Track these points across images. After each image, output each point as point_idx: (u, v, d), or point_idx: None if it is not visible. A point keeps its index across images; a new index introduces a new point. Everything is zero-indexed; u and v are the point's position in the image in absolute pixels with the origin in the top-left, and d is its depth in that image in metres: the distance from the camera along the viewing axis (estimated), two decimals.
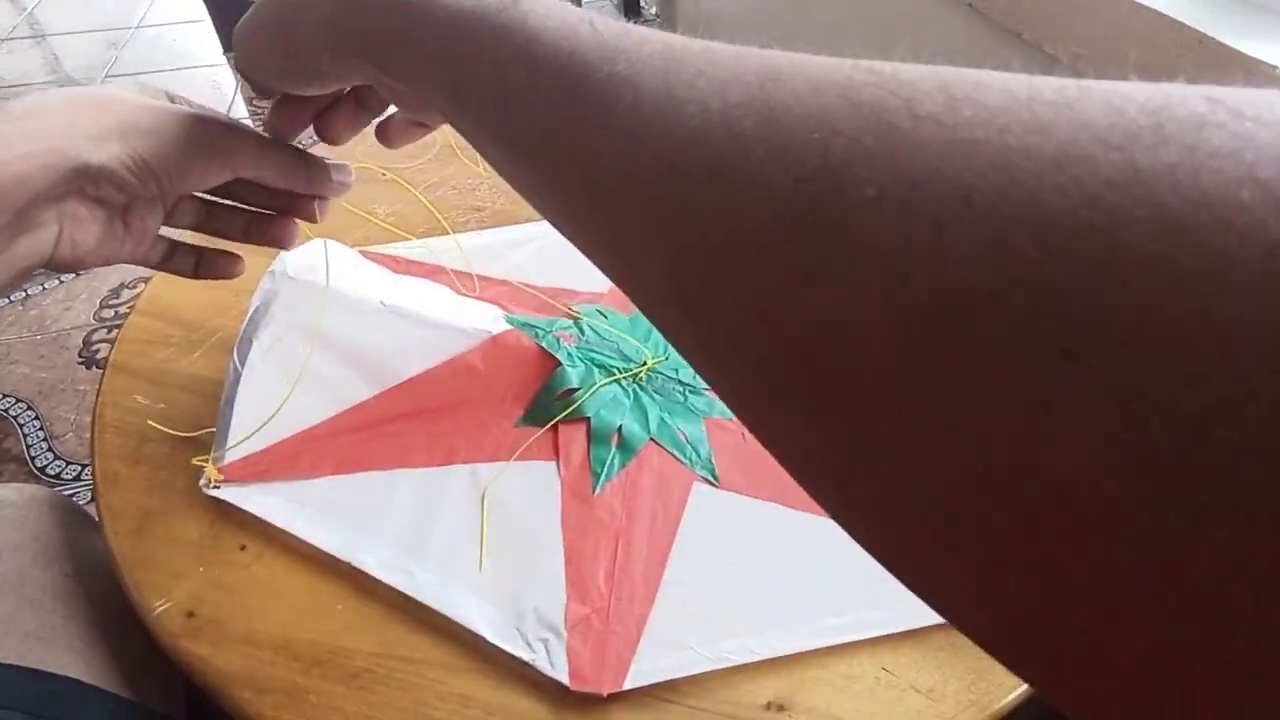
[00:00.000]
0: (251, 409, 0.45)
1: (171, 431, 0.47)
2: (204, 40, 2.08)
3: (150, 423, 0.47)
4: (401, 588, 0.40)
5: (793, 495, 0.44)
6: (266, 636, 0.39)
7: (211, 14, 1.94)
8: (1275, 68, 0.54)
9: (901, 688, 0.37)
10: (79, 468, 1.10)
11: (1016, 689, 0.37)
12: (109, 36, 2.14)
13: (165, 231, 0.38)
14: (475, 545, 0.42)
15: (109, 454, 0.46)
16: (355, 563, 0.41)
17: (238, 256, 0.41)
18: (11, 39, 2.13)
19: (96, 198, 0.33)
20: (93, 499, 0.44)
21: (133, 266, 0.44)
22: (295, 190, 0.37)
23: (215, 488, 0.44)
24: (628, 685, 0.36)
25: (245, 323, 0.46)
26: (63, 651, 0.39)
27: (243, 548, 0.42)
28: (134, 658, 0.42)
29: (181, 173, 0.34)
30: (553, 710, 0.36)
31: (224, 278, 0.41)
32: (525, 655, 0.37)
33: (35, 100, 0.32)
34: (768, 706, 0.36)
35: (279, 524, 0.42)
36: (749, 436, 0.47)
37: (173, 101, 0.36)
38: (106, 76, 1.94)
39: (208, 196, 0.39)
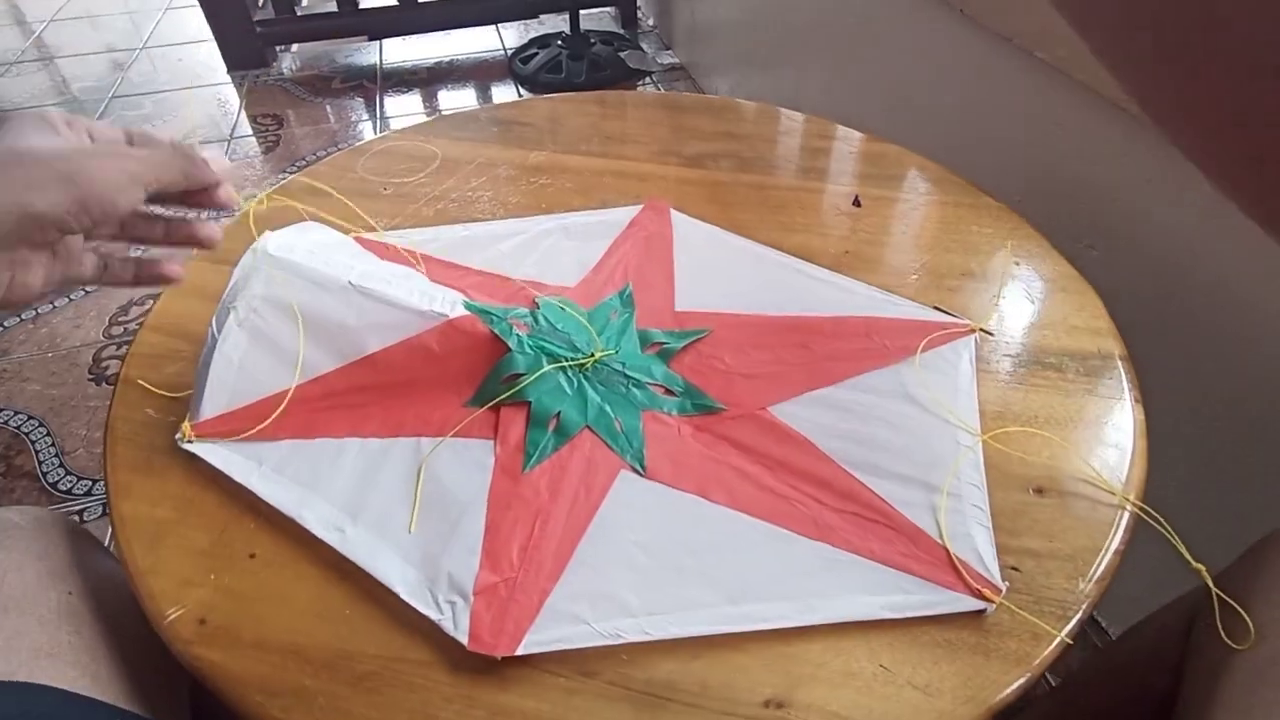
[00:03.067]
0: (225, 372, 0.48)
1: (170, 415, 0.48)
2: (208, 59, 2.10)
3: (148, 410, 0.50)
4: (334, 544, 0.43)
5: (714, 489, 0.45)
6: (276, 641, 0.40)
7: (215, 33, 1.97)
8: None
9: (899, 684, 0.38)
10: (90, 483, 1.11)
11: (1011, 684, 0.38)
12: (115, 58, 2.16)
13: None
14: (407, 511, 0.44)
15: (121, 466, 0.47)
16: (298, 519, 0.44)
17: (174, 261, 0.45)
18: (20, 62, 2.16)
19: (41, 242, 0.37)
20: (104, 513, 0.45)
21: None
22: (202, 187, 0.42)
23: (189, 442, 0.47)
24: (521, 651, 0.38)
25: (225, 293, 0.48)
26: (70, 667, 0.40)
27: (252, 555, 0.43)
28: (140, 670, 0.43)
29: (112, 206, 0.37)
30: (558, 711, 0.37)
31: (165, 283, 0.45)
32: (433, 615, 0.40)
33: None
34: (766, 704, 0.37)
35: (238, 479, 0.45)
36: (684, 431, 0.49)
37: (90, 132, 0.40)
38: (113, 97, 1.96)
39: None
